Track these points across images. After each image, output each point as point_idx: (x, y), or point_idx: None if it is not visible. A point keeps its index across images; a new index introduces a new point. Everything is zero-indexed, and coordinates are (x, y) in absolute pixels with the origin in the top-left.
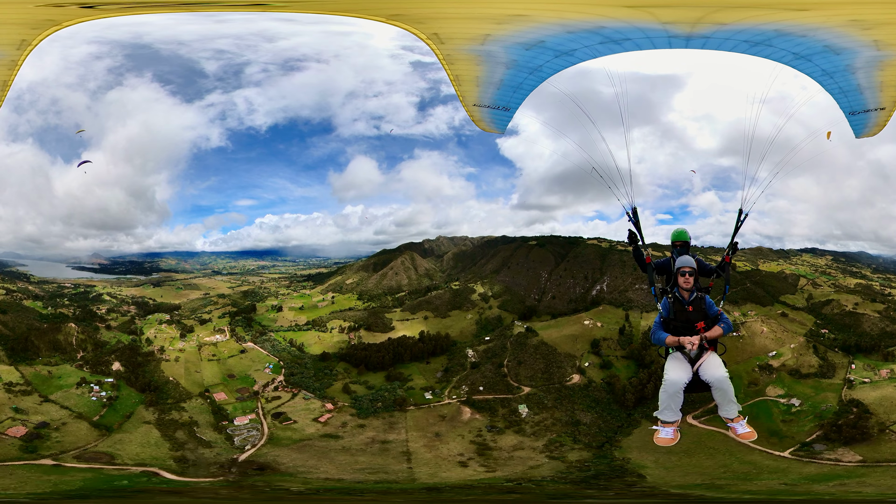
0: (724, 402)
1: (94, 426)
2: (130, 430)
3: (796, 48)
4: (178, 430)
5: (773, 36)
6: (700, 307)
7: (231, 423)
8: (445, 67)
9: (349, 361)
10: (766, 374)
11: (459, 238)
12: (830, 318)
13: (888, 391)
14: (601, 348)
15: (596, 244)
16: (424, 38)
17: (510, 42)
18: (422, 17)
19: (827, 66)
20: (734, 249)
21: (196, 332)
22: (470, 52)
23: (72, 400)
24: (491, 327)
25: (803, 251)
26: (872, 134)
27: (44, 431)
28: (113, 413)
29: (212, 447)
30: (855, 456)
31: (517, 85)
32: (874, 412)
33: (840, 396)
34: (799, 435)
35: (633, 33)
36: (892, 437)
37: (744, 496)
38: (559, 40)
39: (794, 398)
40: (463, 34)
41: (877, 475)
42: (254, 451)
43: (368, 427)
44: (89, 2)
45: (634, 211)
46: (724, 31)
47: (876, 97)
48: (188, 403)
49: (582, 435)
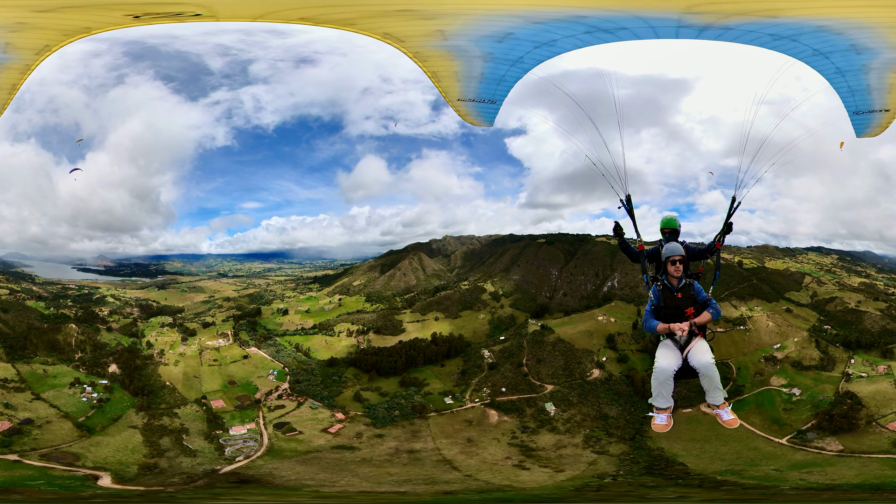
0: (710, 388)
1: (77, 427)
2: (114, 433)
3: (820, 44)
4: (164, 437)
5: (808, 31)
6: (689, 293)
7: (226, 433)
8: (419, 65)
9: (359, 367)
10: (770, 365)
11: (466, 237)
12: (833, 314)
13: (883, 386)
14: (616, 343)
15: (605, 241)
16: (380, 37)
17: (474, 36)
18: (373, 19)
19: (843, 65)
20: (725, 233)
21: (198, 336)
22: (436, 48)
23: (62, 399)
24: (504, 326)
25: (809, 250)
26: (874, 134)
27: (26, 428)
28: (101, 415)
29: (196, 456)
30: (838, 445)
31: (500, 77)
32: (866, 405)
33: (837, 388)
34: (797, 423)
35: (627, 22)
36: (877, 430)
37: (763, 482)
38: (531, 31)
39: (795, 388)
40: (416, 32)
41: (844, 463)
42: (245, 462)
43: (388, 437)
44: (137, 12)
45: (629, 198)
46: (753, 23)
47: (883, 98)
48: (182, 410)
49: (613, 428)
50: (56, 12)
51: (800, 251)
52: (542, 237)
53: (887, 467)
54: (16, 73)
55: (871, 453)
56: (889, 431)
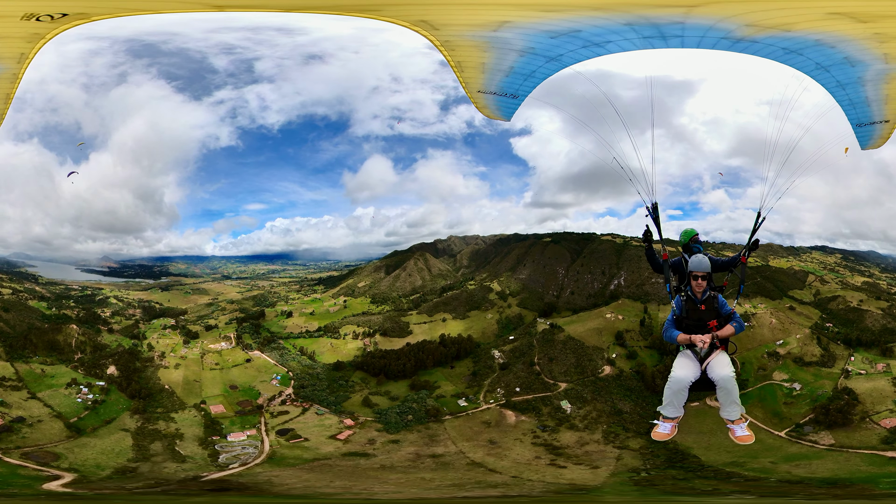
0: (727, 402)
1: (67, 427)
2: (103, 435)
3: (821, 58)
4: (155, 442)
5: (811, 45)
6: (713, 306)
7: (223, 439)
8: (444, 53)
9: (366, 370)
10: (773, 361)
11: (471, 237)
12: (835, 312)
13: (880, 384)
14: (625, 339)
15: (610, 240)
16: (409, 25)
17: (533, 30)
18: (408, 7)
19: (842, 78)
20: (751, 249)
21: (201, 339)
22: (471, 38)
23: (57, 399)
24: (513, 326)
25: (813, 249)
26: (878, 146)
27: (17, 426)
28: (94, 417)
29: (184, 462)
30: (830, 440)
31: (530, 72)
32: (862, 401)
33: (836, 384)
34: (795, 417)
35: (673, 30)
36: (869, 426)
37: (759, 475)
38: (595, 31)
39: (796, 383)
40: (458, 21)
41: (831, 457)
42: (239, 469)
43: (404, 442)
44: (61, 11)
45: (655, 207)
46: (775, 37)
47: (881, 109)
48: (179, 414)
49: (628, 423)
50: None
51: (804, 250)
52: (548, 236)
53: (864, 463)
54: (6, 83)
55: (858, 449)
56: (880, 428)
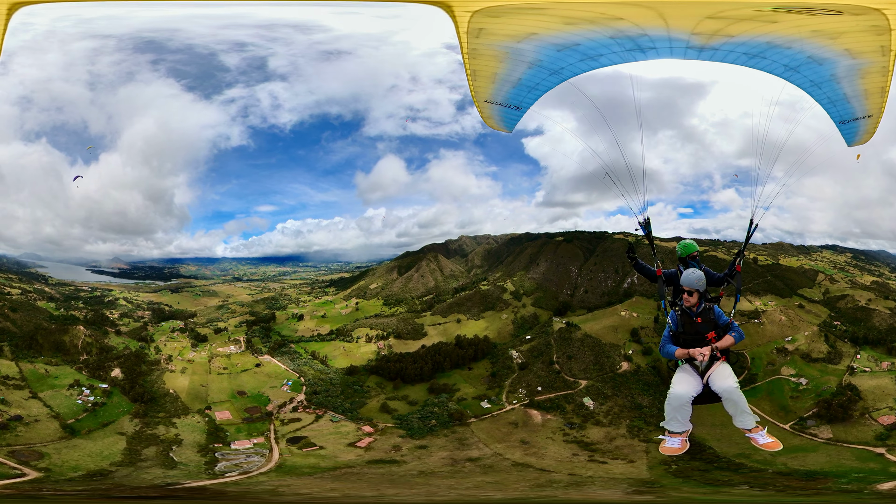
0: (737, 413)
1: (63, 428)
2: (97, 437)
3: (786, 60)
4: (150, 447)
5: (766, 48)
6: (709, 318)
7: (226, 447)
8: (466, 61)
9: (382, 375)
10: (781, 356)
11: (483, 237)
12: (844, 311)
13: (883, 381)
14: (640, 336)
15: (622, 238)
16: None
17: (547, 42)
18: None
19: (814, 77)
20: (741, 257)
21: (209, 342)
22: (499, 48)
23: (57, 400)
24: (528, 325)
25: (824, 248)
26: (863, 142)
27: (13, 424)
28: (92, 419)
29: (174, 468)
30: (829, 434)
31: (534, 85)
32: (864, 398)
33: (840, 381)
34: (800, 411)
35: (660, 42)
36: (868, 422)
37: (760, 465)
38: (592, 45)
39: (802, 378)
40: (506, 31)
41: (825, 451)
42: (238, 478)
43: (432, 447)
44: None
45: (647, 222)
46: (730, 43)
47: (863, 105)
48: (182, 420)
49: (648, 417)
50: None
51: (814, 249)
52: (560, 235)
53: (853, 457)
54: None
55: (853, 443)
56: (878, 424)
